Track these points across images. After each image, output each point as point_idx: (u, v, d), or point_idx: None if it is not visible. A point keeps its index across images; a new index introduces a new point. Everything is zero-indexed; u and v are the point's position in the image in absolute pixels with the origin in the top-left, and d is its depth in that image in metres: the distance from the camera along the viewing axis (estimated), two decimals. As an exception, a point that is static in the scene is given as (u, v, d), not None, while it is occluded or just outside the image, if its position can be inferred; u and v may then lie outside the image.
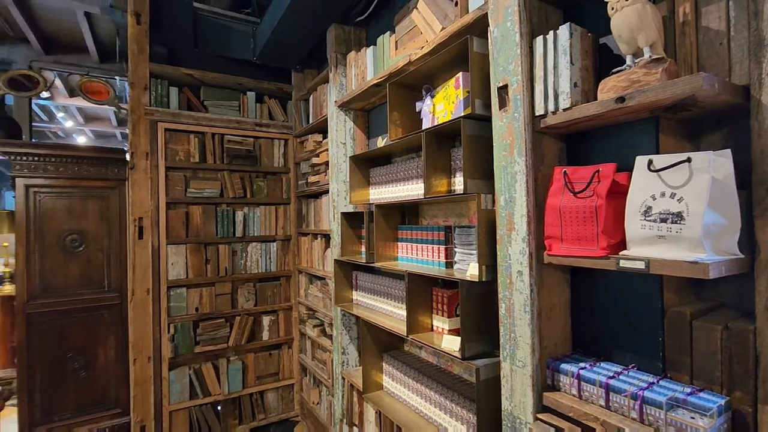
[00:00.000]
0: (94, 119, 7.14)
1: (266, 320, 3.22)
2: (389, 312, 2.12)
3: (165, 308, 2.84)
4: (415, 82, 1.89)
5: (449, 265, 1.76)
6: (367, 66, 2.28)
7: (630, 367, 1.18)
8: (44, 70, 4.53)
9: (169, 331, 2.86)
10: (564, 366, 1.23)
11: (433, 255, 1.84)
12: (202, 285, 3.00)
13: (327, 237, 2.88)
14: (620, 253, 1.07)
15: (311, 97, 3.05)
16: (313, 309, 3.01)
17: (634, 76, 1.04)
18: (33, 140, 4.44)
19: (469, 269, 1.53)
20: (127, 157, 2.78)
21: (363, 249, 2.40)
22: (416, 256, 1.95)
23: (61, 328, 2.66)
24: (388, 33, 2.10)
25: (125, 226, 2.82)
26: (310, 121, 3.04)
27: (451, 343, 1.57)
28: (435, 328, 1.80)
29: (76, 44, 4.27)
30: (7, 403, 3.30)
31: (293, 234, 3.31)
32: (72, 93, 5.70)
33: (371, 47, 2.24)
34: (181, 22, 3.01)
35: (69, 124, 6.99)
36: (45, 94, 5.31)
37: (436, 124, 1.70)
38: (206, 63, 3.05)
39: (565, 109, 1.17)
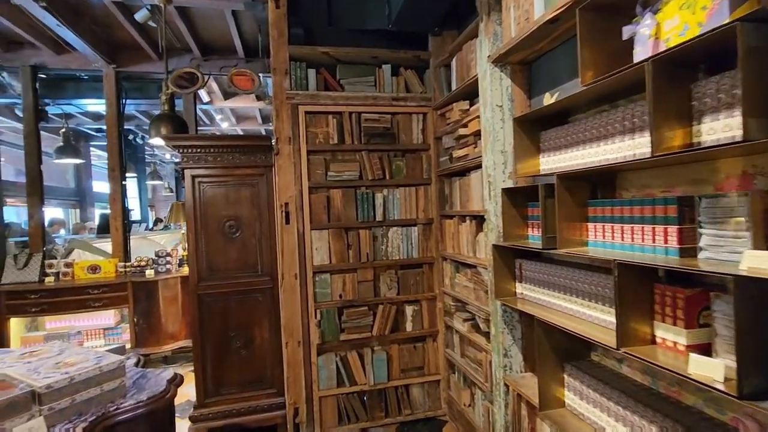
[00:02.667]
0: (244, 119, 7.92)
1: (409, 310, 3.00)
2: (573, 311, 1.66)
3: (311, 294, 2.82)
4: (618, 1, 1.37)
5: (687, 252, 1.22)
6: (534, 2, 1.80)
7: None
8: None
9: (316, 317, 2.83)
10: None
11: (653, 239, 1.31)
12: (345, 271, 2.90)
13: (478, 219, 2.50)
14: None
15: (454, 60, 2.67)
16: (462, 301, 2.68)
17: None
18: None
19: (745, 260, 0.99)
20: (273, 142, 2.80)
21: (532, 232, 1.95)
22: (621, 240, 1.44)
23: (224, 308, 2.82)
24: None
25: (273, 211, 2.86)
26: (453, 88, 2.67)
27: (708, 369, 1.06)
28: (660, 340, 1.29)
29: (227, 46, 4.63)
30: (188, 369, 3.74)
31: (435, 217, 3.01)
32: (226, 95, 6.34)
33: (541, -26, 1.75)
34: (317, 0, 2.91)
35: (225, 125, 7.89)
36: (205, 98, 5.98)
37: (663, 49, 1.17)
38: (341, 39, 2.90)
39: None
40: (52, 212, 8.26)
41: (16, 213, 7.86)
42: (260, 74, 4.68)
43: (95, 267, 4.29)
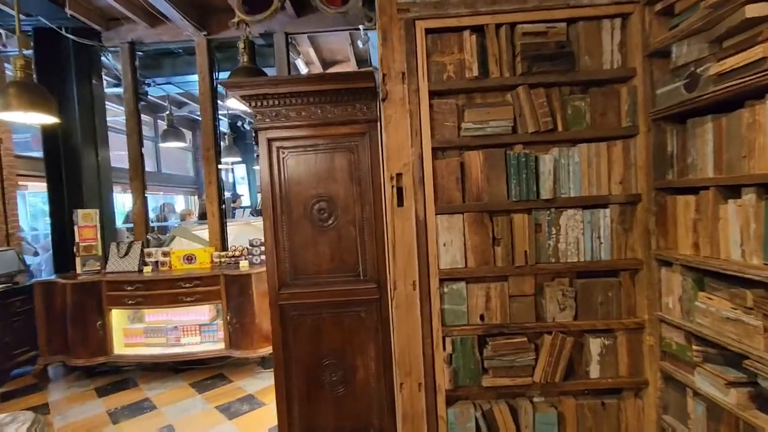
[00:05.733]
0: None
1: (595, 345, 1.84)
2: None
3: (437, 312, 1.83)
4: None
5: None
6: None
7: None
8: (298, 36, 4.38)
9: (444, 348, 1.85)
10: None
11: None
12: (489, 279, 1.86)
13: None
14: None
15: None
16: (717, 344, 1.44)
17: None
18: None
19: None
20: (378, 83, 1.85)
21: None
22: None
23: (314, 325, 2.00)
24: None
25: (380, 187, 1.93)
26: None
27: None
28: None
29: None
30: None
31: (646, 191, 1.77)
32: (325, 65, 5.66)
33: None
34: None
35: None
36: (303, 69, 5.35)
37: None
38: None
39: None
40: (173, 201, 8.68)
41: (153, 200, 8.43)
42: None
43: (191, 257, 3.92)
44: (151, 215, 7.97)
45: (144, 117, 7.19)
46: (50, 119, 2.78)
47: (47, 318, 3.67)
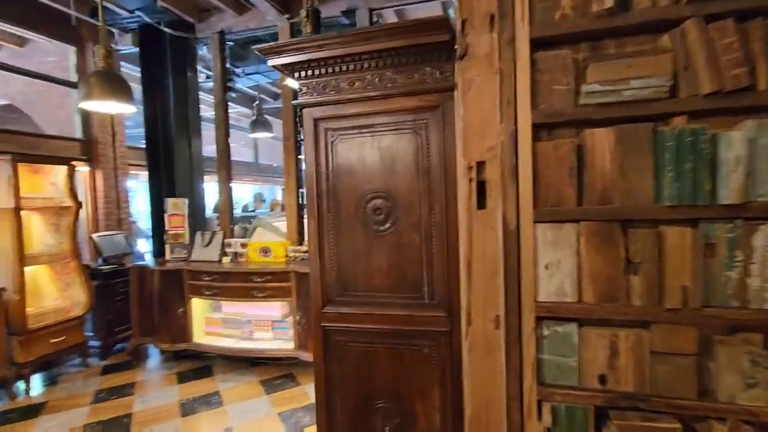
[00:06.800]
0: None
1: (811, 453, 1.09)
2: None
3: (531, 363, 1.25)
4: None
5: None
6: None
7: None
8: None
9: (540, 417, 1.26)
10: None
11: None
12: (617, 323, 1.22)
13: None
14: None
15: None
16: None
17: None
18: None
19: None
20: (455, 34, 1.32)
21: None
22: None
23: (365, 357, 1.56)
24: None
25: (455, 182, 1.40)
26: None
27: None
28: None
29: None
30: None
31: None
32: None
33: None
34: None
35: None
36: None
37: None
38: None
39: None
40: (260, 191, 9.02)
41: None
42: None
43: (267, 249, 3.80)
44: (250, 206, 8.39)
45: (242, 108, 7.52)
46: (126, 108, 2.76)
47: (139, 301, 3.85)
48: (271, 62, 1.51)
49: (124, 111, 2.92)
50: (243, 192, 9.68)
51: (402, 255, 1.51)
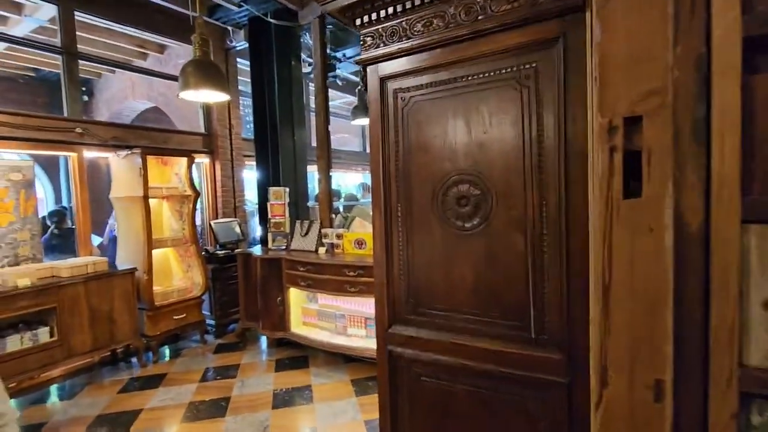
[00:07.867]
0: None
1: None
2: None
3: (723, 470, 0.70)
4: None
5: None
6: None
7: None
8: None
9: None
10: None
11: None
12: None
13: None
14: None
15: None
16: None
17: None
18: None
19: None
20: None
21: None
22: None
23: (441, 398, 1.15)
24: None
25: (579, 156, 0.88)
26: None
27: None
28: None
29: None
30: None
31: None
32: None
33: None
34: None
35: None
36: None
37: None
38: None
39: None
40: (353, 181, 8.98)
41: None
42: None
43: (361, 241, 3.59)
44: (358, 195, 8.44)
45: (349, 97, 7.51)
46: (220, 96, 2.75)
47: (246, 286, 4.00)
48: (323, 7, 1.17)
49: (218, 99, 2.93)
50: (354, 181, 9.85)
51: (496, 265, 1.05)
